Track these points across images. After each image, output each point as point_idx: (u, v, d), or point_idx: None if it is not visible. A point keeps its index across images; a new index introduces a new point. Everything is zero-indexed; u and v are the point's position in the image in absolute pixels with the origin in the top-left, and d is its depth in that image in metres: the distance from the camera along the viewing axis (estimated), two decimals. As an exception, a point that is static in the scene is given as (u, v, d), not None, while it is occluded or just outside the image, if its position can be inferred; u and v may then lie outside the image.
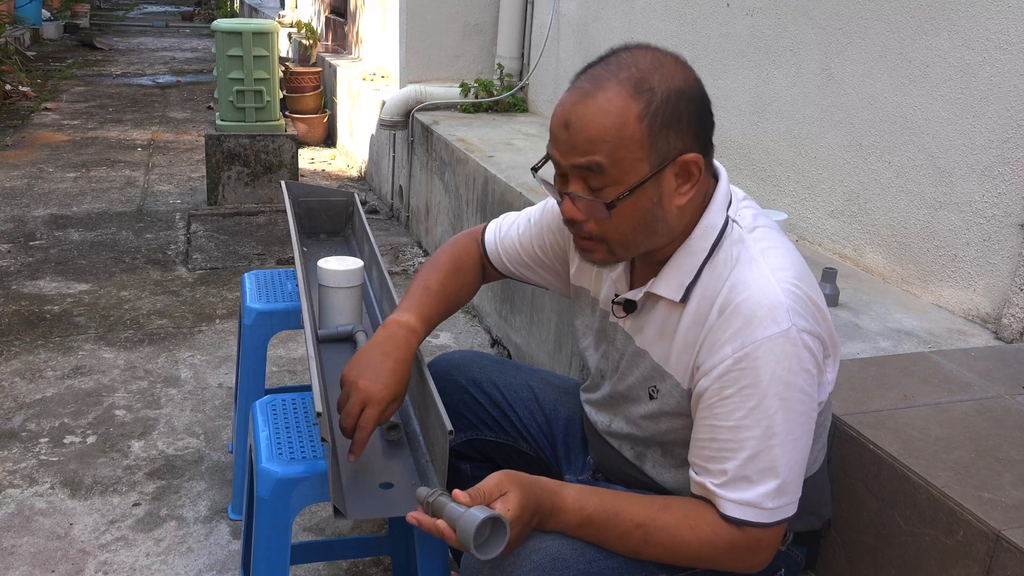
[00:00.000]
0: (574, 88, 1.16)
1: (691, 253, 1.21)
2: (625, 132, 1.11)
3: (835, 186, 2.41)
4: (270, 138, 4.78)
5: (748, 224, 1.22)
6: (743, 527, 1.14)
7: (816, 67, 2.45)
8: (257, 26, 4.65)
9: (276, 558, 1.41)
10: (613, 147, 1.12)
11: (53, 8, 12.53)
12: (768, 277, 1.15)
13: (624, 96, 1.12)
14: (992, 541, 1.21)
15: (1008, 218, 1.92)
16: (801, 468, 1.16)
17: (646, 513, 1.16)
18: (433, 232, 4.12)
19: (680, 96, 1.14)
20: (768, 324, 1.11)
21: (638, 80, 1.12)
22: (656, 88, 1.12)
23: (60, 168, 5.43)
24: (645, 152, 1.13)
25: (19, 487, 2.31)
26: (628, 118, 1.11)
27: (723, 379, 1.14)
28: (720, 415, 1.14)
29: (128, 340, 3.16)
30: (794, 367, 1.12)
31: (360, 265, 1.74)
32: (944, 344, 1.89)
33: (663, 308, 1.24)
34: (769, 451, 1.12)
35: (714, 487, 1.15)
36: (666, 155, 1.14)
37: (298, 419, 1.54)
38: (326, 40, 7.38)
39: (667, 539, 1.16)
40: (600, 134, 1.12)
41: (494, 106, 4.36)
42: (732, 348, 1.13)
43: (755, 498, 1.13)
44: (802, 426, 1.14)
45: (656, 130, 1.12)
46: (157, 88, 8.40)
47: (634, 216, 1.16)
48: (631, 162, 1.13)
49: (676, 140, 1.14)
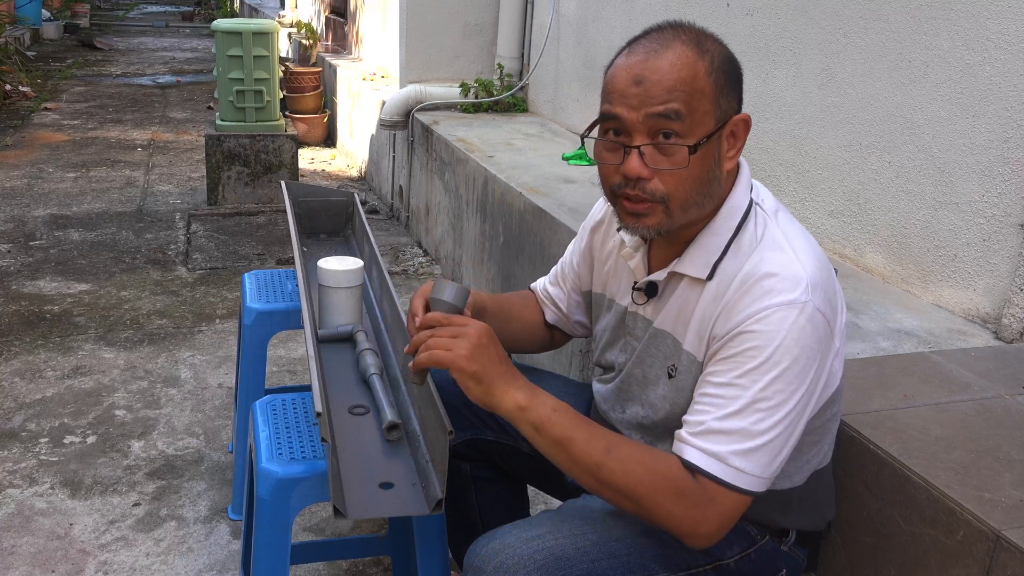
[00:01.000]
0: (635, 50, 1.19)
1: (716, 232, 1.23)
2: (697, 85, 1.15)
3: (835, 186, 2.41)
4: (270, 138, 4.78)
5: (771, 208, 1.25)
6: (697, 476, 1.11)
7: (816, 67, 2.45)
8: (257, 26, 4.65)
9: (276, 558, 1.41)
10: (689, 96, 1.15)
11: (53, 8, 12.53)
12: (792, 256, 1.17)
13: (692, 54, 1.16)
14: (992, 541, 1.21)
15: (1008, 218, 1.92)
16: (780, 446, 1.13)
17: (605, 440, 1.16)
18: (433, 232, 4.12)
19: (730, 60, 1.20)
20: (786, 294, 1.13)
21: (698, 42, 1.18)
22: (713, 51, 1.18)
23: (60, 168, 5.43)
24: (712, 105, 1.16)
25: (19, 487, 2.31)
26: (699, 72, 1.15)
27: (731, 341, 1.14)
28: (717, 372, 1.15)
29: (128, 340, 3.16)
30: (803, 341, 1.12)
31: (360, 265, 1.74)
32: (944, 344, 1.88)
33: (685, 288, 1.25)
34: (752, 413, 1.11)
35: (687, 434, 1.14)
36: (726, 112, 1.19)
37: (298, 419, 1.54)
38: (326, 40, 7.38)
39: (620, 468, 1.13)
40: (677, 84, 1.15)
41: (494, 106, 4.36)
42: (747, 313, 1.14)
43: (721, 452, 1.11)
44: (794, 403, 1.12)
45: (720, 86, 1.17)
46: (157, 88, 8.40)
47: (701, 171, 1.18)
48: (702, 114, 1.16)
49: (732, 99, 1.20)
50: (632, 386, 1.35)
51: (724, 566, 1.27)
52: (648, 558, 1.21)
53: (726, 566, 1.27)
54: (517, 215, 3.03)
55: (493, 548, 1.18)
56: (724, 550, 1.27)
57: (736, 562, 1.28)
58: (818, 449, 1.29)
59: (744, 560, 1.29)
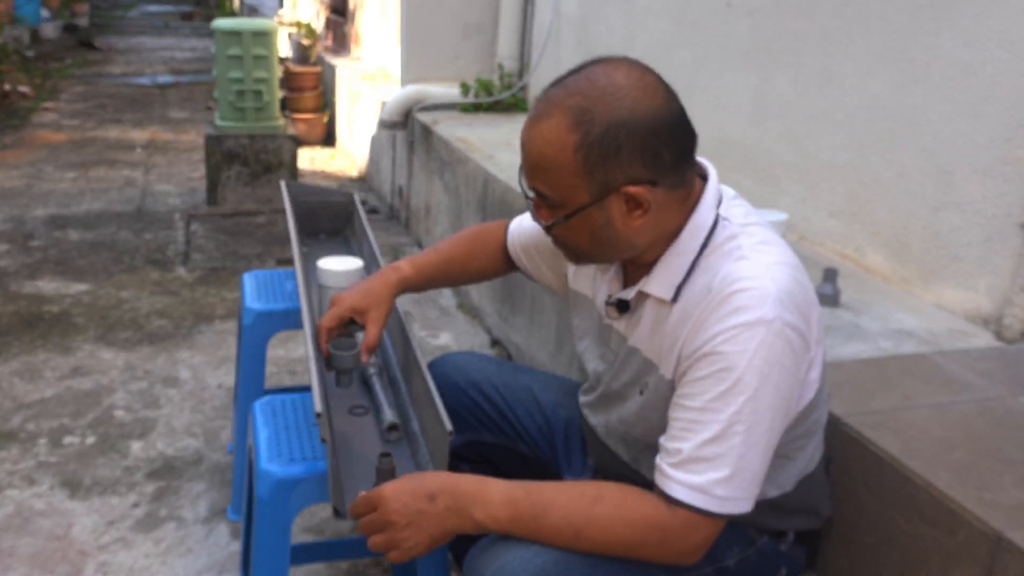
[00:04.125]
0: (535, 106, 1.20)
1: (680, 252, 1.21)
2: (560, 161, 1.15)
3: (836, 186, 2.41)
4: (270, 138, 4.77)
5: (740, 221, 1.22)
6: (680, 509, 1.12)
7: (816, 67, 2.45)
8: (257, 26, 4.64)
9: (276, 559, 1.41)
10: (552, 174, 1.16)
11: (52, 8, 12.52)
12: (760, 270, 1.15)
13: (564, 127, 1.14)
14: (993, 542, 1.21)
15: (1009, 218, 1.92)
16: (760, 465, 1.13)
17: (577, 507, 1.15)
18: (433, 232, 4.11)
19: (620, 128, 1.13)
20: (754, 312, 1.11)
21: (580, 110, 1.14)
22: (596, 119, 1.13)
23: (59, 168, 5.43)
24: (582, 180, 1.15)
25: (18, 488, 2.30)
26: (565, 148, 1.14)
27: (701, 362, 1.13)
28: (690, 395, 1.14)
29: (127, 340, 3.16)
30: (772, 359, 1.11)
31: (360, 265, 1.74)
32: (945, 344, 1.88)
33: (654, 306, 1.25)
34: (730, 437, 1.10)
35: (667, 466, 1.14)
36: (607, 185, 1.15)
37: (298, 419, 1.54)
38: (326, 40, 7.37)
39: (598, 535, 1.14)
40: (540, 161, 1.17)
41: (494, 106, 4.35)
42: (714, 332, 1.13)
43: (703, 483, 1.11)
44: (769, 421, 1.12)
45: (593, 161, 1.14)
46: (156, 88, 8.39)
47: (582, 233, 1.20)
48: (570, 188, 1.16)
49: (617, 171, 1.14)
50: (612, 402, 1.36)
51: (725, 568, 1.27)
52: (654, 566, 1.20)
53: (726, 568, 1.27)
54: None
55: (493, 553, 1.17)
56: (724, 552, 1.27)
57: (736, 564, 1.28)
58: (803, 454, 1.29)
59: (744, 561, 1.29)
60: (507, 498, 1.16)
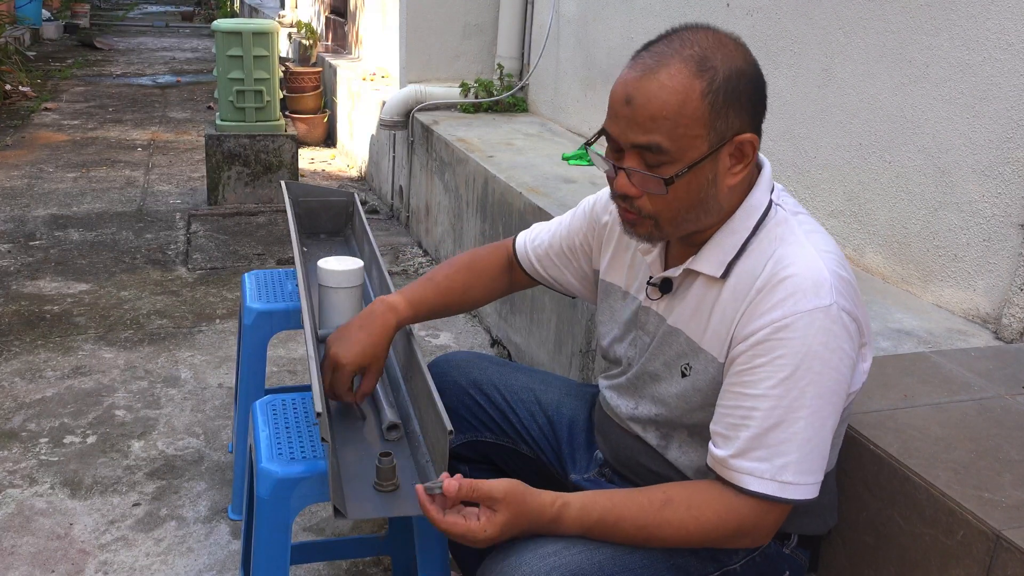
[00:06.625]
0: (636, 64, 1.17)
1: (733, 232, 1.22)
2: (687, 110, 1.12)
3: (835, 186, 2.41)
4: (270, 138, 4.78)
5: (791, 208, 1.24)
6: (750, 499, 1.13)
7: (816, 67, 2.45)
8: (257, 26, 4.65)
9: (276, 558, 1.41)
10: (674, 125, 1.12)
11: (53, 8, 12.53)
12: (814, 256, 1.16)
13: (687, 73, 1.12)
14: (992, 541, 1.21)
15: (1008, 218, 1.92)
16: (824, 449, 1.14)
17: (647, 515, 1.16)
18: (433, 232, 4.12)
19: (741, 76, 1.15)
20: (811, 298, 1.12)
21: (701, 58, 1.13)
22: (718, 67, 1.13)
23: (60, 168, 5.43)
24: (705, 130, 1.13)
25: (19, 487, 2.31)
26: (691, 96, 1.12)
27: (758, 347, 1.14)
28: (749, 383, 1.14)
29: (128, 340, 3.16)
30: (831, 344, 1.12)
31: (360, 265, 1.74)
32: (944, 344, 1.88)
33: (700, 285, 1.25)
34: (794, 423, 1.11)
35: (731, 459, 1.14)
36: (724, 134, 1.15)
37: (298, 419, 1.54)
38: (326, 40, 7.38)
39: (672, 535, 1.16)
40: (662, 111, 1.12)
41: (494, 106, 4.36)
42: (772, 318, 1.13)
43: (772, 470, 1.12)
44: (831, 405, 1.13)
45: (717, 108, 1.13)
46: (157, 88, 8.40)
47: (689, 194, 1.17)
48: (691, 139, 1.13)
49: (735, 119, 1.15)
50: (645, 383, 1.35)
51: (731, 571, 1.27)
52: (662, 569, 1.21)
53: (732, 571, 1.28)
54: (517, 215, 3.03)
55: (510, 564, 1.17)
56: (731, 555, 1.27)
57: (742, 566, 1.28)
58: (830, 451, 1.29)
59: (749, 564, 1.29)
60: (582, 527, 1.17)
